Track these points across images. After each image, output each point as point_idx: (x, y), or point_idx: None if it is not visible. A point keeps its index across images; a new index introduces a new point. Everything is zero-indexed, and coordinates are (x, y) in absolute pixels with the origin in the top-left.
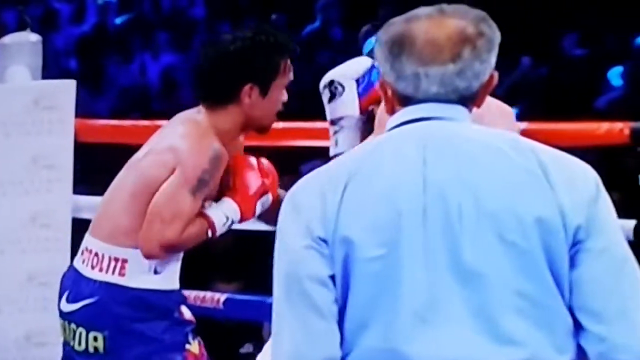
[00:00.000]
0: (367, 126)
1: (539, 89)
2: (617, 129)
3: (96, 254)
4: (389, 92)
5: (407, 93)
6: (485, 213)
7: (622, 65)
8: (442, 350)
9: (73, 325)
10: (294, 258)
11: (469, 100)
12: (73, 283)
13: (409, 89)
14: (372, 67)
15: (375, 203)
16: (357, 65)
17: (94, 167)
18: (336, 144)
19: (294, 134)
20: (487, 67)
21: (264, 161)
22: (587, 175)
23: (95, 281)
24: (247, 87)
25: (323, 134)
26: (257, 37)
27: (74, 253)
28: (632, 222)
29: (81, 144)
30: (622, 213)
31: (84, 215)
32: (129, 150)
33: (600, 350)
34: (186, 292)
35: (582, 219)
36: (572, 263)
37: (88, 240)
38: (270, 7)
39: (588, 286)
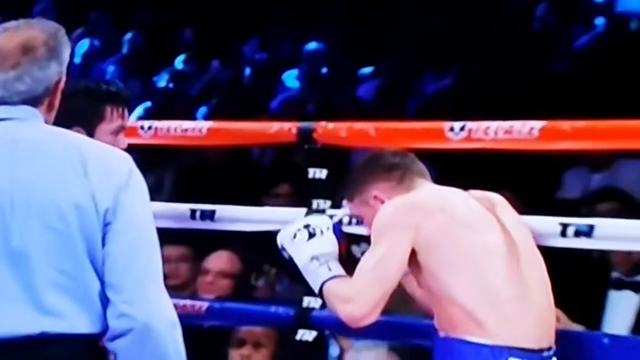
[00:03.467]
0: None
1: (226, 90)
2: (286, 129)
3: None
4: None
5: None
6: (32, 205)
7: (295, 68)
8: None
9: None
10: None
11: (35, 101)
12: None
13: None
14: None
15: None
16: None
17: None
18: None
19: None
20: (49, 73)
21: None
22: (121, 166)
23: None
24: (74, 129)
25: None
26: (87, 85)
27: None
28: (303, 210)
29: None
30: (294, 203)
31: None
32: None
33: (119, 318)
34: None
35: (111, 203)
36: (103, 242)
37: None
38: None
39: (111, 262)
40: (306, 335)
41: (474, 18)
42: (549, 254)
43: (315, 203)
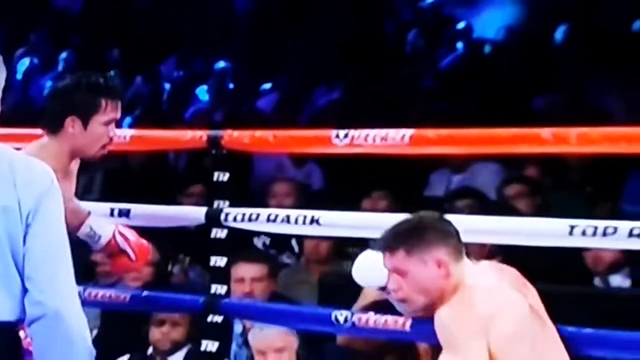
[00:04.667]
0: None
1: (148, 102)
2: (197, 136)
3: None
4: None
5: None
6: None
7: (206, 84)
8: None
9: None
10: None
11: None
12: None
13: None
14: None
15: None
16: None
17: None
18: None
19: None
20: None
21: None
22: (44, 177)
23: None
24: (69, 119)
25: None
26: (83, 77)
27: None
28: (204, 208)
29: None
30: (202, 201)
31: None
32: None
33: (34, 305)
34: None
35: (33, 208)
36: (24, 240)
37: None
38: None
39: (29, 258)
40: (215, 318)
41: (357, 41)
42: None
43: (216, 203)
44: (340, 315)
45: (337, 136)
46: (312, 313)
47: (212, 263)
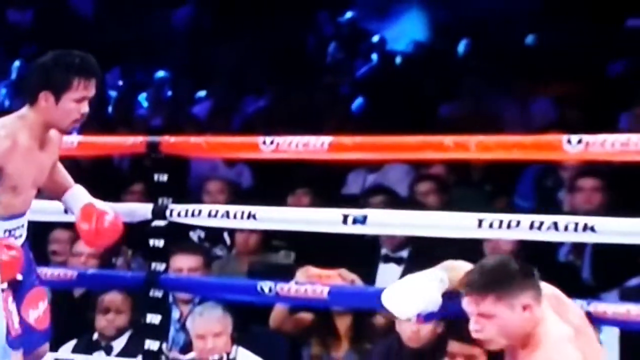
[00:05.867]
0: None
1: (93, 110)
2: (138, 142)
3: None
4: None
5: None
6: None
7: (145, 92)
8: None
9: None
10: None
11: None
12: None
13: None
14: None
15: None
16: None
17: None
18: None
19: None
20: None
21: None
22: None
23: None
24: (43, 94)
25: None
26: (61, 56)
27: None
28: (150, 205)
29: None
30: (143, 199)
31: None
32: None
33: None
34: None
35: None
36: None
37: None
38: None
39: None
40: (156, 293)
41: (283, 54)
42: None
43: (160, 200)
44: (265, 285)
45: (264, 142)
46: (240, 285)
47: (151, 244)
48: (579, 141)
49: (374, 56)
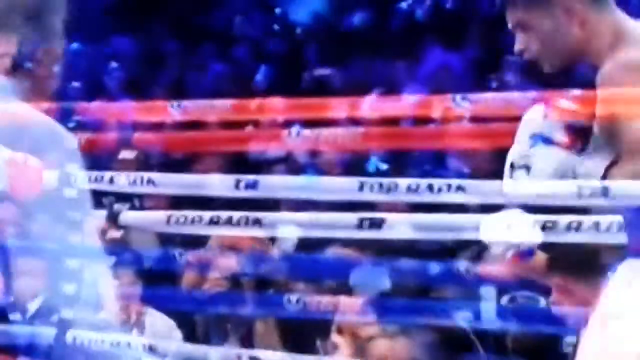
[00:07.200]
0: None
1: None
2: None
3: None
4: None
5: None
6: None
7: None
8: None
9: None
10: None
11: None
12: None
13: None
14: None
15: None
16: None
17: None
18: None
19: None
20: None
21: None
22: None
23: None
24: None
25: None
26: None
27: None
28: (56, 172)
29: None
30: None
31: None
32: None
33: None
34: None
35: None
36: None
37: None
38: None
39: None
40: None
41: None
42: None
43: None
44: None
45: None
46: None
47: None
48: None
49: (276, 27)
